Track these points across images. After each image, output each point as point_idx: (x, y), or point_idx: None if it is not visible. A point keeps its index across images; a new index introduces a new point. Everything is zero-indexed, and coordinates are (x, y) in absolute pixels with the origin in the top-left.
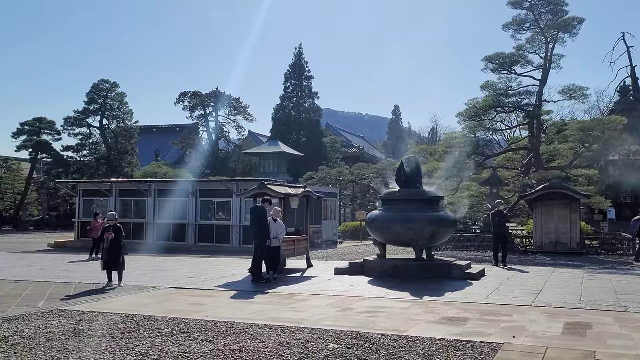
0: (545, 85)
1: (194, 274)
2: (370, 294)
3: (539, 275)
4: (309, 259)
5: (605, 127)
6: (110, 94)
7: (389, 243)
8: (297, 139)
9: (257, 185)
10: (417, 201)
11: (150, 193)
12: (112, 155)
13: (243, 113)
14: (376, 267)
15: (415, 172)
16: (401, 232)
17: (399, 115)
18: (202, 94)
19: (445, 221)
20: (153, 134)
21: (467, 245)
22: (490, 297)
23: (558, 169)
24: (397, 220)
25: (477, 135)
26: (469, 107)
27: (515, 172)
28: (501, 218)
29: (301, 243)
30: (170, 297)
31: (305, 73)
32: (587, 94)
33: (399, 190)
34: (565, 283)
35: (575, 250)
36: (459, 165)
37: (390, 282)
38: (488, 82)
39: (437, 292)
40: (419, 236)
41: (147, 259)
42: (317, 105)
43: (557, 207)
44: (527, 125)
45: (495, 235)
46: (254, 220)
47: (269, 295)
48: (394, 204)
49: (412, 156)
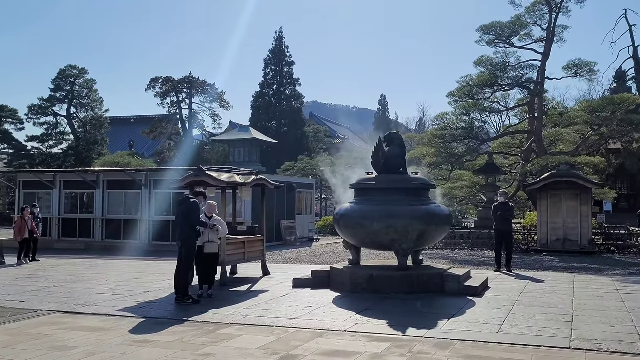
0: (547, 60)
1: (113, 286)
2: (331, 324)
3: (558, 287)
4: (265, 265)
5: (617, 107)
6: (78, 81)
7: (364, 246)
8: (277, 128)
9: (193, 171)
10: (400, 190)
11: (99, 184)
12: (80, 145)
13: (219, 100)
14: (346, 279)
15: (398, 152)
16: (379, 232)
17: (385, 106)
18: (175, 80)
19: (438, 217)
20: (130, 124)
21: (460, 243)
22: (505, 328)
23: (562, 155)
24: (374, 215)
25: (471, 116)
26: (461, 85)
27: (513, 158)
28: (505, 211)
29: (254, 245)
30: (38, 330)
31: (286, 59)
32: (594, 69)
33: (376, 177)
34: (600, 301)
35: (587, 248)
36: (450, 150)
37: (363, 300)
38: (483, 56)
39: (426, 320)
40: (403, 237)
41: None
42: (299, 92)
43: (564, 198)
44: (527, 105)
45: (497, 233)
46: (179, 218)
47: (185, 326)
48: (370, 195)
49: (394, 132)
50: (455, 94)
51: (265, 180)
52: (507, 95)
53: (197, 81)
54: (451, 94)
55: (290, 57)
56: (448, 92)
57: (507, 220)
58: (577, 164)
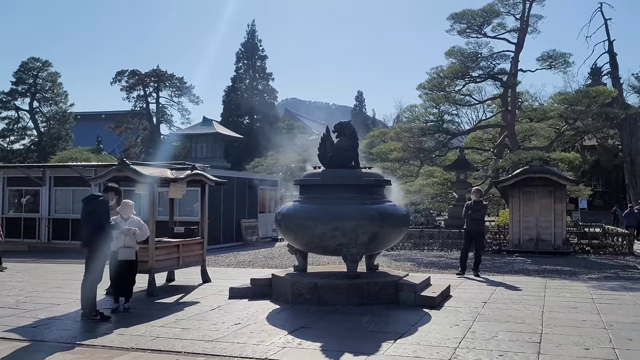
0: (521, 50)
1: (23, 297)
2: (253, 349)
3: (528, 295)
4: (205, 272)
5: (592, 101)
6: (41, 74)
7: (309, 250)
8: (250, 124)
9: (115, 165)
10: (350, 187)
11: (45, 181)
12: (43, 141)
13: (188, 94)
14: (287, 288)
15: (349, 143)
16: (324, 235)
17: (362, 102)
18: (141, 73)
19: (392, 217)
20: (102, 120)
21: (429, 242)
22: (460, 353)
23: (535, 150)
24: (318, 216)
25: (441, 108)
26: (431, 77)
27: (486, 154)
28: (477, 211)
29: (192, 249)
30: None
31: (259, 52)
32: (569, 61)
33: (322, 172)
34: (574, 314)
35: (561, 248)
36: (419, 144)
37: (303, 314)
38: (454, 47)
39: (368, 342)
40: (351, 240)
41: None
42: (272, 87)
43: (538, 195)
44: (500, 98)
45: (467, 234)
46: (83, 219)
47: (72, 354)
48: (315, 192)
49: (344, 121)
50: (426, 86)
51: (203, 175)
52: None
53: (165, 74)
54: (421, 86)
55: (263, 50)
56: (418, 84)
57: (479, 221)
58: (552, 159)
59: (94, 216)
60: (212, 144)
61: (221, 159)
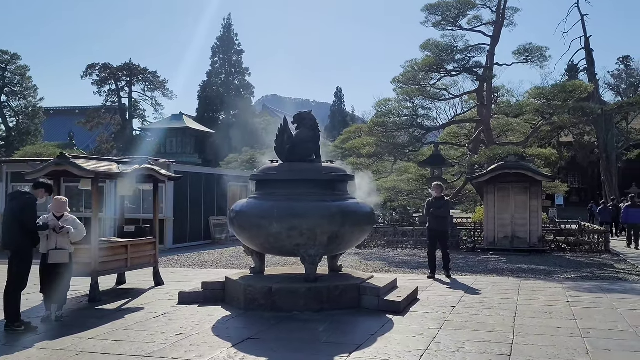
0: (497, 44)
1: None
2: None
3: (500, 298)
4: (158, 273)
5: (569, 95)
6: (9, 67)
7: (265, 251)
8: (226, 119)
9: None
10: (309, 183)
11: (2, 177)
12: (12, 136)
13: (161, 89)
14: (239, 293)
15: (310, 135)
16: (279, 235)
17: (341, 98)
18: (113, 67)
19: (355, 215)
20: (75, 115)
21: (403, 240)
22: None
23: (511, 146)
24: (273, 214)
25: (415, 102)
26: (406, 70)
27: (462, 150)
28: (438, 208)
29: (142, 249)
30: None
31: (235, 47)
32: (546, 55)
33: (278, 165)
34: (548, 320)
35: (537, 246)
36: (392, 139)
37: (254, 322)
38: (429, 40)
39: (320, 356)
40: (309, 241)
41: None
42: (248, 82)
43: (513, 192)
44: (476, 92)
45: (431, 234)
46: (6, 218)
47: None
48: (271, 188)
49: (304, 111)
50: (400, 80)
51: (154, 170)
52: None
53: (138, 68)
54: (396, 80)
55: (239, 45)
56: (393, 78)
57: (442, 219)
58: (528, 155)
59: (18, 214)
60: (182, 139)
61: (192, 155)
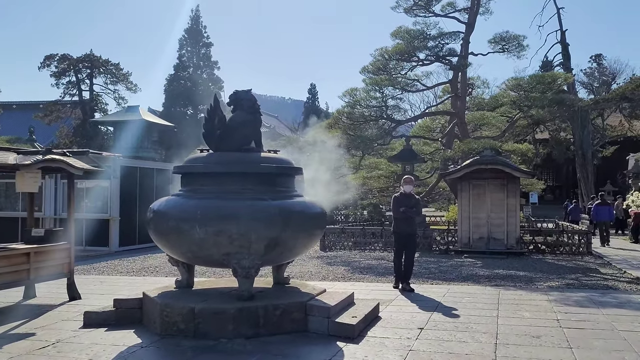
0: (472, 32)
1: None
2: None
3: (476, 316)
4: (72, 285)
5: (547, 87)
6: None
7: (190, 261)
8: (194, 114)
9: None
10: (243, 177)
11: None
12: None
13: (124, 81)
14: (156, 315)
15: (248, 119)
16: (204, 242)
17: (315, 95)
18: (72, 58)
19: (300, 217)
20: (38, 110)
21: (372, 241)
22: None
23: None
24: (196, 215)
25: (384, 92)
26: (376, 59)
27: (435, 144)
28: (410, 207)
29: (50, 257)
30: None
31: (203, 39)
32: (523, 44)
33: (206, 155)
34: (536, 347)
35: (514, 248)
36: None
37: (168, 354)
38: (401, 27)
39: None
40: (242, 249)
41: None
42: (217, 76)
43: (489, 189)
44: (449, 83)
45: (398, 236)
46: None
47: None
48: (198, 183)
49: (241, 90)
50: (369, 69)
51: (65, 162)
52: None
53: (99, 60)
54: (365, 69)
55: (208, 37)
56: (362, 68)
57: (412, 220)
58: (504, 150)
59: None
60: (145, 134)
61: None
